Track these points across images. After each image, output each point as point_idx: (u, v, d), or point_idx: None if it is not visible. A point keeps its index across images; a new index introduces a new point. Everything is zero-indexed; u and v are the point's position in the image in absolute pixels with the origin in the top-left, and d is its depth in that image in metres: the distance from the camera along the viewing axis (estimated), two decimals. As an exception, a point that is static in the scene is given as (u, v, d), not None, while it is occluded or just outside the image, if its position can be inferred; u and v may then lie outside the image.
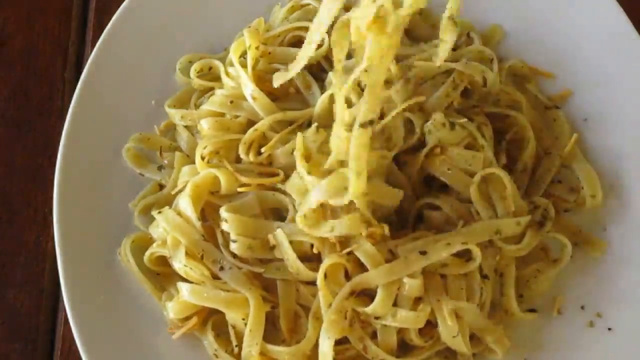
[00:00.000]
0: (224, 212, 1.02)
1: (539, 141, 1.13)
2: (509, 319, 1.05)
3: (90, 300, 1.04)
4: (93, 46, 1.16)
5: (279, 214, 1.05)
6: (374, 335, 1.01)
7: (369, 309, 0.98)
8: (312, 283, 1.00)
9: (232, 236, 1.01)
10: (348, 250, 0.98)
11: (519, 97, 1.14)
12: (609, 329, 1.05)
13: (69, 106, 1.12)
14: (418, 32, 1.18)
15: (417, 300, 0.99)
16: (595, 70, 1.17)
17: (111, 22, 1.17)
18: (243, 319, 1.00)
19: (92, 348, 1.01)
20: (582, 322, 1.06)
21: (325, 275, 0.98)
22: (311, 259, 1.01)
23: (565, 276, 1.08)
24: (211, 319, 1.03)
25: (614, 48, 1.16)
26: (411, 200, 1.05)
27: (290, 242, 1.00)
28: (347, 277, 1.00)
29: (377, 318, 0.99)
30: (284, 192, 1.03)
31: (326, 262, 0.98)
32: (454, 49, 1.12)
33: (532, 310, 1.06)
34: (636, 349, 1.04)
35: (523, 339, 1.05)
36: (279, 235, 1.00)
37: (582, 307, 1.07)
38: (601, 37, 1.17)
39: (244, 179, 1.03)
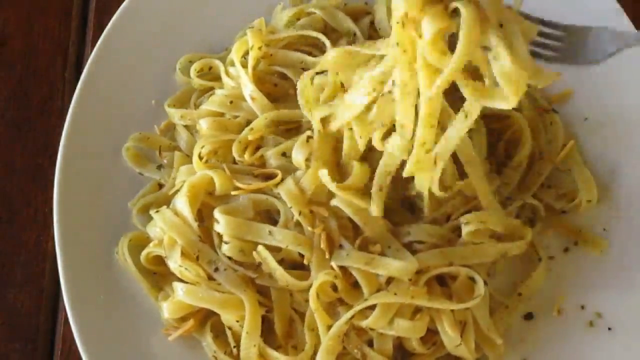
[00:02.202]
0: (217, 214, 1.02)
1: (537, 142, 1.12)
2: (509, 315, 1.05)
3: (90, 300, 1.04)
4: (93, 46, 1.16)
5: (272, 217, 1.05)
6: (369, 343, 1.01)
7: (365, 324, 0.98)
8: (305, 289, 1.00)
9: (225, 238, 1.01)
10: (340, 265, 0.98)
11: (519, 96, 1.14)
12: (609, 328, 1.05)
13: (69, 106, 1.12)
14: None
15: (417, 309, 0.99)
16: (595, 70, 1.16)
17: (111, 22, 1.17)
18: (237, 321, 1.00)
19: (92, 348, 1.01)
20: (582, 322, 1.06)
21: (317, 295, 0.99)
22: (301, 267, 1.01)
23: (565, 276, 1.08)
24: (209, 321, 1.03)
25: (614, 48, 1.16)
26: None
27: (280, 250, 1.00)
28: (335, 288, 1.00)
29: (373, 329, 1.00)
30: (277, 196, 1.02)
31: (316, 283, 0.98)
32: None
33: (529, 315, 1.06)
34: (636, 348, 1.04)
35: (523, 338, 1.06)
36: (263, 252, 1.00)
37: (582, 307, 1.07)
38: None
39: (239, 184, 1.03)
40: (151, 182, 1.12)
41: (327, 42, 1.09)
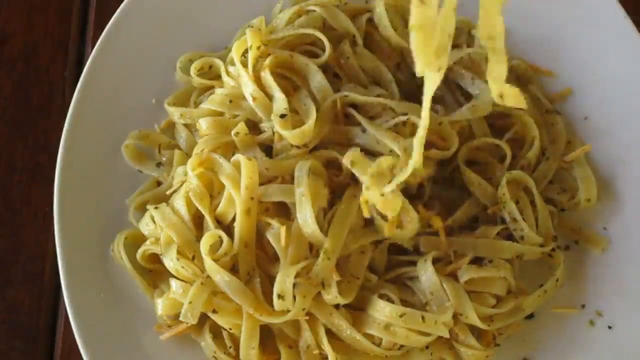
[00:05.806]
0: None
1: (540, 141, 1.12)
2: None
3: (91, 299, 1.04)
4: (93, 45, 1.16)
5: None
6: None
7: None
8: None
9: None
10: None
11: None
12: (609, 327, 1.05)
13: (69, 105, 1.12)
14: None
15: None
16: (596, 69, 1.16)
17: (111, 20, 1.17)
18: (230, 329, 1.00)
19: (92, 346, 1.01)
20: (582, 321, 1.06)
21: None
22: None
23: (565, 275, 1.08)
24: (208, 321, 1.02)
25: (614, 47, 1.16)
26: None
27: None
28: None
29: None
30: None
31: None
32: (453, 46, 1.13)
33: (530, 314, 1.06)
34: (636, 347, 1.04)
35: (523, 338, 1.06)
36: None
37: (583, 306, 1.07)
38: (601, 36, 1.17)
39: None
40: (149, 179, 1.12)
41: (326, 42, 1.09)
